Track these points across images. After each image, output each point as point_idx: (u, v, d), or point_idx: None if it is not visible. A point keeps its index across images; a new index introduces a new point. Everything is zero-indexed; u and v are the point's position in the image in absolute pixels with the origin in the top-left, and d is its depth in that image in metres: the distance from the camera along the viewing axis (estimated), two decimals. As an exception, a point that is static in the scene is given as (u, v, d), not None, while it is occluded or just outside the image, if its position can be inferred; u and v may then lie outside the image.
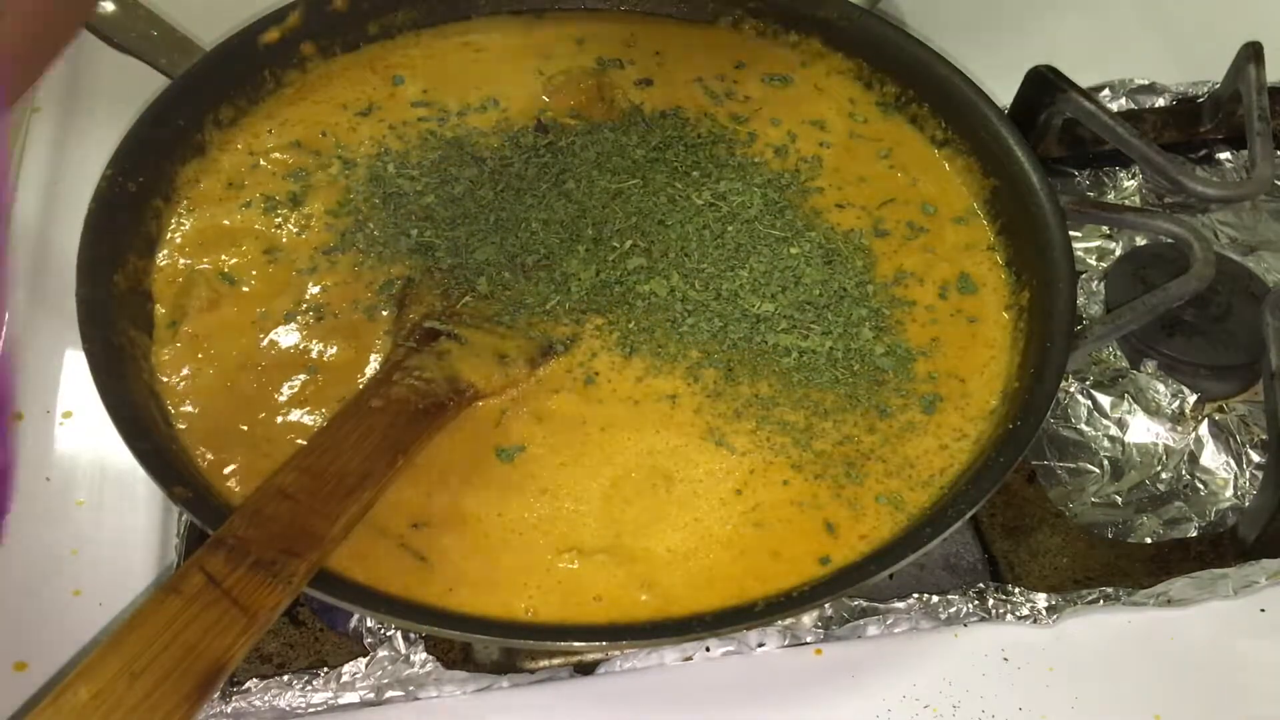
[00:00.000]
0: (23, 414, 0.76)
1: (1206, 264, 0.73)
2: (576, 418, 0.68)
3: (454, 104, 0.84)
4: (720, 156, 0.81)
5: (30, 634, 0.67)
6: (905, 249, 0.78)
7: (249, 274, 0.74)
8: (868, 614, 0.68)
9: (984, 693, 0.67)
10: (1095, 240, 0.90)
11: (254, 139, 0.81)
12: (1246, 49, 0.90)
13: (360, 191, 0.78)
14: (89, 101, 0.94)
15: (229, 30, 0.81)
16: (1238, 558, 0.72)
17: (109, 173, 0.72)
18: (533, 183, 0.78)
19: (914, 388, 0.71)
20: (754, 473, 0.67)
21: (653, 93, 0.86)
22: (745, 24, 0.90)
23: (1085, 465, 0.78)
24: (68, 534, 0.71)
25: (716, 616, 0.60)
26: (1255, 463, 0.78)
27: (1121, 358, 0.83)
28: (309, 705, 0.64)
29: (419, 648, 0.65)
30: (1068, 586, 0.71)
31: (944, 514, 0.63)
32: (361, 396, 0.65)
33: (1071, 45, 1.03)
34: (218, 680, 0.52)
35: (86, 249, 0.68)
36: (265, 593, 0.54)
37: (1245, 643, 0.70)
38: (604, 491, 0.66)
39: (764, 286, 0.74)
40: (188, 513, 0.60)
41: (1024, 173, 0.77)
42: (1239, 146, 0.96)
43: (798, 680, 0.67)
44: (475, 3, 0.90)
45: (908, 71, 0.85)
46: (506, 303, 0.72)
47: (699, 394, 0.69)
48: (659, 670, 0.67)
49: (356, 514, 0.60)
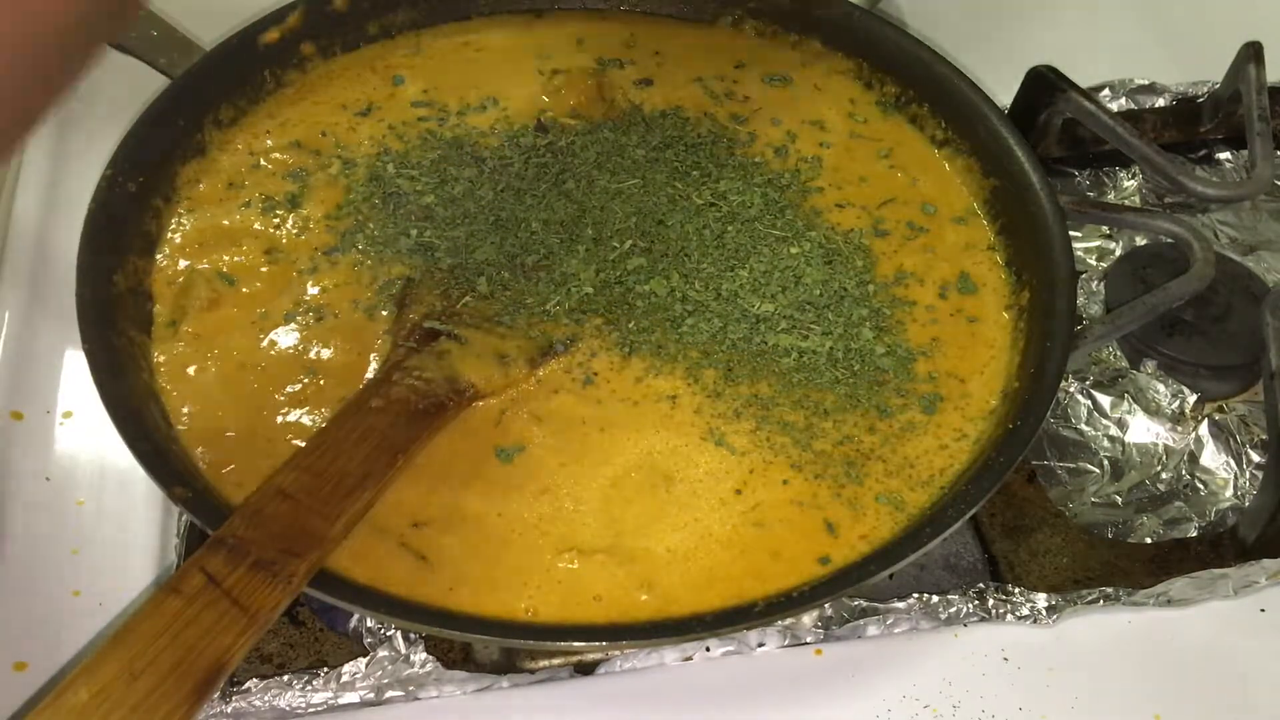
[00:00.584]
0: (23, 414, 0.76)
1: (1206, 264, 0.73)
2: (576, 418, 0.68)
3: (454, 104, 0.84)
4: (720, 156, 0.81)
5: (30, 634, 0.67)
6: (905, 249, 0.78)
7: (249, 274, 0.74)
8: (868, 614, 0.68)
9: (984, 693, 0.67)
10: (1095, 240, 0.90)
11: (254, 139, 0.81)
12: (1246, 49, 0.90)
13: (360, 191, 0.78)
14: (89, 101, 0.94)
15: (229, 30, 0.81)
16: (1238, 558, 0.72)
17: (109, 173, 0.72)
18: (532, 183, 0.78)
19: (914, 388, 0.71)
20: (754, 473, 0.67)
21: (653, 93, 0.86)
22: (745, 24, 0.90)
23: (1085, 465, 0.78)
24: (68, 534, 0.71)
25: (716, 616, 0.60)
26: (1255, 463, 0.78)
27: (1121, 358, 0.83)
28: (309, 705, 0.64)
29: (419, 648, 0.65)
30: (1068, 586, 0.71)
31: (944, 514, 0.63)
32: (361, 396, 0.65)
33: (1071, 45, 1.02)
34: (218, 680, 0.52)
35: (86, 249, 0.68)
36: (265, 593, 0.54)
37: (1245, 643, 0.70)
38: (604, 491, 0.66)
39: (764, 286, 0.74)
40: (188, 513, 0.60)
41: (1024, 173, 0.77)
42: (1239, 146, 0.97)
43: (798, 680, 0.67)
44: (475, 3, 0.90)
45: (908, 71, 0.85)
46: (506, 303, 0.72)
47: (699, 394, 0.69)
48: (659, 670, 0.67)
49: (356, 514, 0.60)
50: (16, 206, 0.87)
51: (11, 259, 0.83)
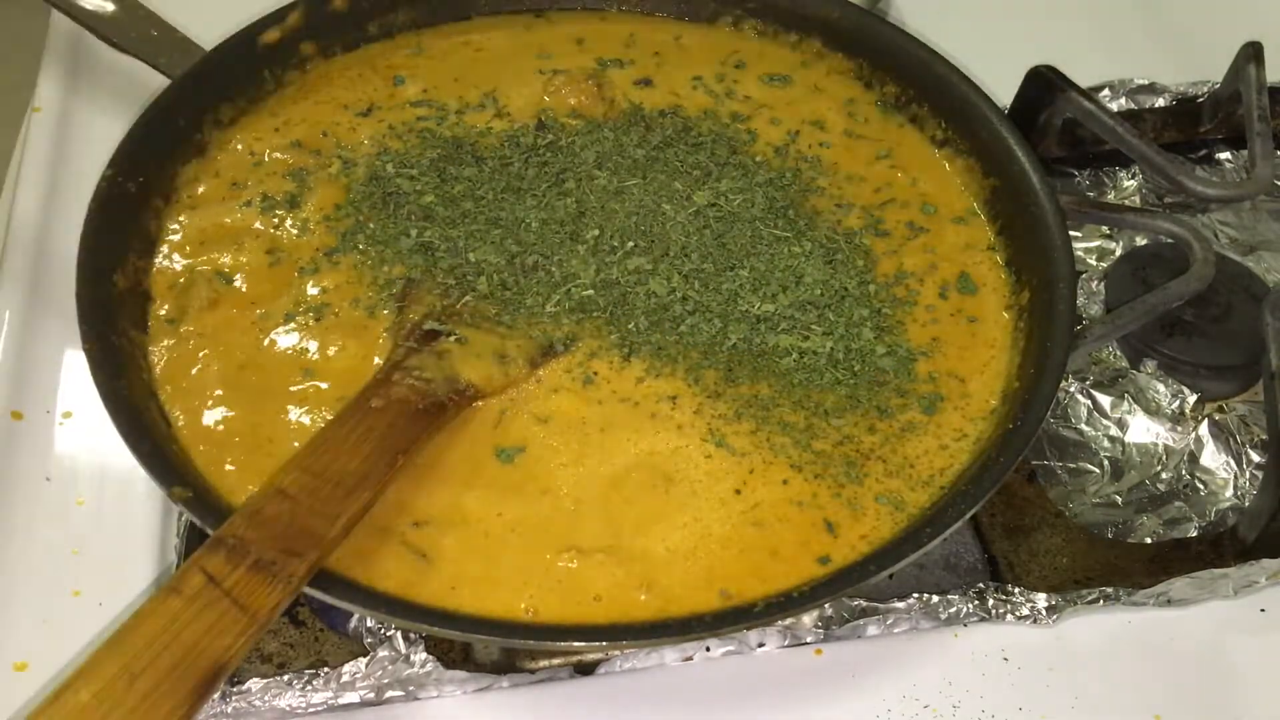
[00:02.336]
0: (23, 414, 0.76)
1: (1206, 264, 0.73)
2: (576, 418, 0.68)
3: (454, 103, 0.84)
4: (720, 156, 0.81)
5: (30, 634, 0.67)
6: (905, 249, 0.78)
7: (249, 274, 0.74)
8: (868, 614, 0.68)
9: (984, 693, 0.67)
10: (1095, 240, 0.90)
11: (254, 139, 0.81)
12: (1246, 49, 0.90)
13: (360, 191, 0.78)
14: (89, 101, 0.94)
15: (229, 30, 0.81)
16: (1238, 558, 0.72)
17: (109, 173, 0.72)
18: (533, 182, 0.78)
19: (914, 388, 0.71)
20: (754, 473, 0.67)
21: (653, 92, 0.86)
22: (745, 24, 0.90)
23: (1085, 465, 0.78)
24: (68, 534, 0.71)
25: (716, 616, 0.60)
26: (1255, 463, 0.78)
27: (1121, 358, 0.83)
28: (309, 705, 0.64)
29: (419, 648, 0.65)
30: (1068, 586, 0.71)
31: (944, 514, 0.63)
32: (362, 396, 0.65)
33: (1071, 45, 1.02)
34: (218, 680, 0.52)
35: (86, 249, 0.68)
36: (265, 593, 0.54)
37: (1245, 643, 0.70)
38: (604, 491, 0.66)
39: (764, 286, 0.74)
40: (187, 513, 0.60)
41: (1024, 173, 0.77)
42: (1239, 146, 0.97)
43: (798, 680, 0.67)
44: (475, 2, 0.90)
45: (908, 71, 0.85)
46: (506, 303, 0.72)
47: (699, 394, 0.69)
48: (659, 670, 0.67)
49: (357, 514, 0.60)
50: (16, 206, 0.87)
51: (11, 259, 0.83)
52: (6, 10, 2.20)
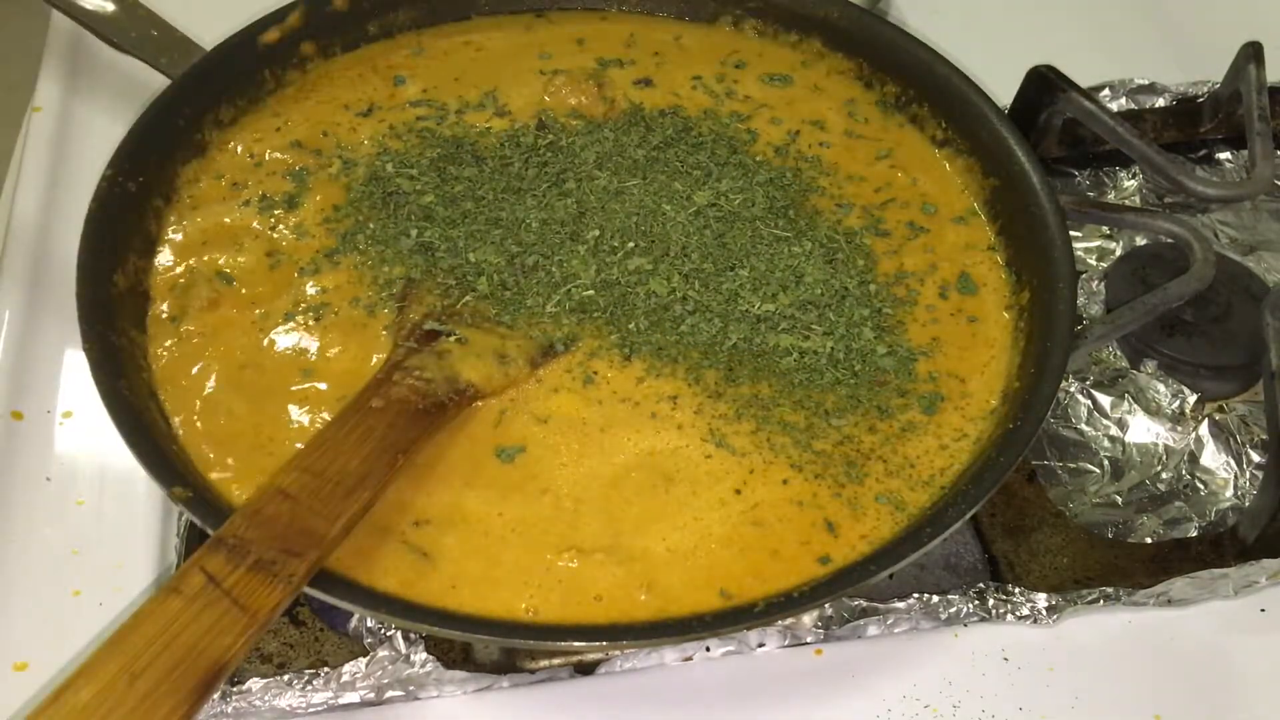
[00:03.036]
0: (23, 414, 0.76)
1: (1206, 264, 0.73)
2: (576, 418, 0.68)
3: (454, 103, 0.84)
4: (721, 156, 0.81)
5: (30, 634, 0.67)
6: (906, 249, 0.78)
7: (249, 274, 0.74)
8: (868, 614, 0.68)
9: (984, 693, 0.67)
10: (1095, 240, 0.90)
11: (254, 139, 0.81)
12: (1246, 49, 0.91)
13: (361, 191, 0.78)
14: (89, 101, 0.94)
15: (229, 30, 0.81)
16: (1238, 558, 0.72)
17: (109, 173, 0.72)
18: (533, 182, 0.78)
19: (914, 388, 0.71)
20: (754, 472, 0.67)
21: (653, 92, 0.86)
22: (745, 24, 0.90)
23: (1085, 465, 0.78)
24: (68, 534, 0.71)
25: (716, 616, 0.60)
26: (1255, 463, 0.78)
27: (1121, 358, 0.83)
28: (309, 705, 0.64)
29: (419, 648, 0.65)
30: (1068, 586, 0.71)
31: (944, 514, 0.63)
32: (362, 396, 0.65)
33: (1071, 45, 1.03)
34: (218, 680, 0.52)
35: (86, 249, 0.68)
36: (265, 593, 0.54)
37: (1245, 643, 0.70)
38: (604, 491, 0.66)
39: (765, 286, 0.74)
40: (187, 513, 0.60)
41: (1024, 173, 0.77)
42: (1239, 146, 0.97)
43: (798, 680, 0.67)
44: (475, 2, 0.90)
45: (908, 71, 0.85)
46: (506, 303, 0.72)
47: (699, 394, 0.69)
48: (659, 670, 0.67)
49: (357, 514, 0.60)
50: (16, 206, 0.87)
51: (11, 259, 0.83)
52: (6, 10, 2.20)
